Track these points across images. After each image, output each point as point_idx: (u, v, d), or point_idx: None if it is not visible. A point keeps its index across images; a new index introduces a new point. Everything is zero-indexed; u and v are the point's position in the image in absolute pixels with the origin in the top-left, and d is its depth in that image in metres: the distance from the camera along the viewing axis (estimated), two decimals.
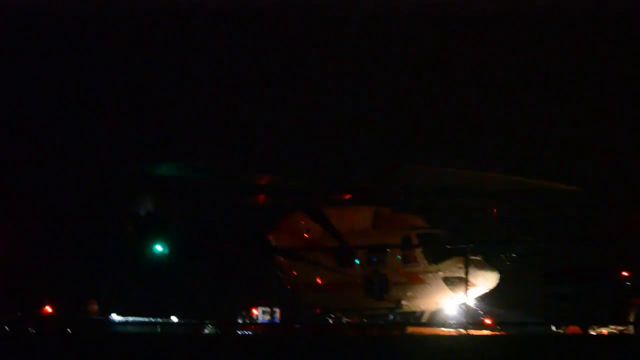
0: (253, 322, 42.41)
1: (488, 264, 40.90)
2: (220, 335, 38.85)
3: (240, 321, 43.00)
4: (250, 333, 39.50)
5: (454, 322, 39.14)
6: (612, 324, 33.92)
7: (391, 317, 41.62)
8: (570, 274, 36.20)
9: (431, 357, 22.18)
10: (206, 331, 39.71)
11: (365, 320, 42.96)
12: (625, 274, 36.16)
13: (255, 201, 47.50)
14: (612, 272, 35.95)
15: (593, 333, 34.07)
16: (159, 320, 41.72)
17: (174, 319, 42.55)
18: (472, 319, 39.67)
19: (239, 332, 40.49)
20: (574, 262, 38.00)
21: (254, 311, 43.90)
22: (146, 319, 41.91)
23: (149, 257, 44.38)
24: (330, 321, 42.87)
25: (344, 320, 42.52)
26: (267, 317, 43.84)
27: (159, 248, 45.09)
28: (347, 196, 45.01)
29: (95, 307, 42.26)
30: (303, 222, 44.77)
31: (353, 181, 45.09)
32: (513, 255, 40.72)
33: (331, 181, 45.48)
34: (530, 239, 41.79)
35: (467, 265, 38.49)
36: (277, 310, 43.91)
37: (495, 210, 43.90)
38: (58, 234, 47.78)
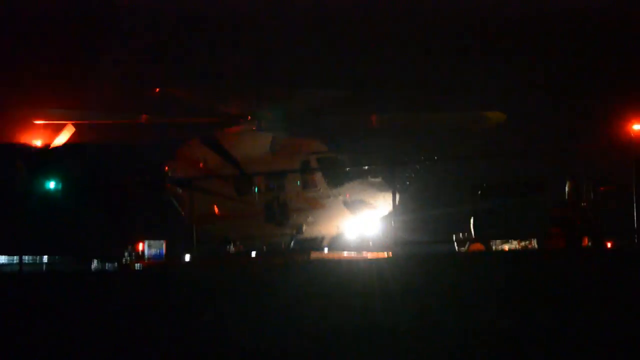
0: (148, 257, 41.73)
1: (388, 185, 40.67)
2: (114, 272, 38.27)
3: (126, 255, 42.23)
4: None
5: (355, 246, 39.07)
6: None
7: (292, 243, 41.21)
8: (500, 188, 36.11)
9: (336, 283, 21.79)
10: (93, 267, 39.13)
11: (265, 248, 42.55)
12: None
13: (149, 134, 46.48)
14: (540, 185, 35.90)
15: (495, 249, 34.44)
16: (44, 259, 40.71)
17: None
18: (373, 242, 39.61)
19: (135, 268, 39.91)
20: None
21: (140, 245, 43.11)
22: (31, 258, 40.96)
23: (40, 194, 43.09)
24: (232, 250, 42.34)
25: (244, 249, 42.00)
26: (153, 251, 43.16)
27: (51, 185, 43.94)
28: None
29: None
30: (199, 151, 43.84)
31: (249, 108, 44.29)
32: (412, 174, 40.48)
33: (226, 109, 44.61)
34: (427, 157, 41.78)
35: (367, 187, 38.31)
36: (164, 243, 43.23)
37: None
38: None
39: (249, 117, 43.96)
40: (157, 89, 43.59)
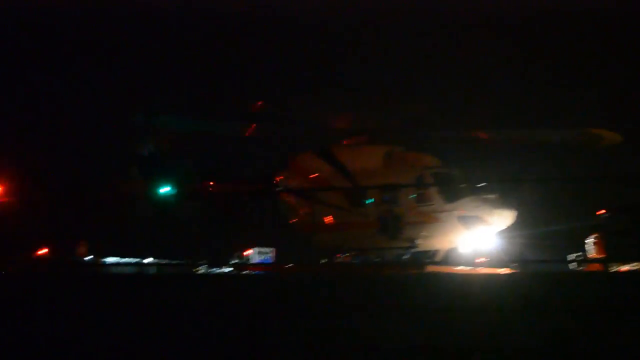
0: (253, 263, 42.15)
1: (503, 202, 40.37)
2: (227, 274, 38.62)
3: (234, 261, 42.71)
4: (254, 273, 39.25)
5: (470, 260, 38.78)
6: None
7: (406, 256, 41.19)
8: (629, 209, 35.10)
9: (450, 296, 21.63)
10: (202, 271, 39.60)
11: (378, 259, 42.53)
12: None
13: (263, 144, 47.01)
14: None
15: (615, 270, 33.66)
16: (154, 261, 41.40)
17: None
18: (488, 257, 39.28)
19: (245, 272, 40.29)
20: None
21: (248, 252, 43.57)
22: (140, 260, 41.71)
23: (153, 198, 43.97)
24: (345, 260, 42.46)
25: (359, 259, 42.09)
26: (262, 258, 43.52)
27: (164, 189, 44.71)
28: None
29: (85, 248, 42.14)
30: (312, 163, 44.16)
31: (363, 122, 44.44)
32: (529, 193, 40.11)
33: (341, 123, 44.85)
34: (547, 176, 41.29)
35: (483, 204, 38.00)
36: (273, 251, 43.58)
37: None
38: (62, 177, 47.36)
39: (363, 130, 44.14)
40: (260, 102, 44.18)
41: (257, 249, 43.97)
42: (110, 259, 41.38)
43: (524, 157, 45.07)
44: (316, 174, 43.93)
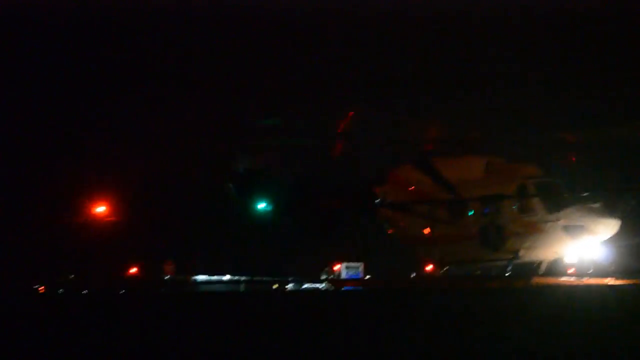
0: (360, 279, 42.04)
1: (608, 211, 39.46)
2: (327, 290, 38.55)
3: (323, 277, 42.61)
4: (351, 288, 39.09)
5: (576, 271, 38.00)
6: None
7: (509, 268, 40.52)
8: None
9: (558, 308, 21.24)
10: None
11: (480, 273, 42.04)
12: None
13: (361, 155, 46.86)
14: None
15: None
16: (242, 278, 41.56)
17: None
18: (595, 268, 38.42)
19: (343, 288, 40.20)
20: None
21: (337, 267, 43.35)
22: (229, 277, 41.89)
23: (248, 215, 44.16)
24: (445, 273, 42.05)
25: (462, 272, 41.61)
26: (351, 273, 43.27)
27: (261, 205, 44.86)
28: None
29: (172, 267, 42.57)
30: (411, 175, 43.92)
31: (464, 132, 44.02)
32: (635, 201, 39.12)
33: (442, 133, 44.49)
34: None
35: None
36: (362, 265, 43.28)
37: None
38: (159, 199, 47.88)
39: (462, 141, 43.70)
40: (351, 113, 44.04)
41: (345, 264, 43.83)
42: (201, 277, 41.73)
43: (628, 164, 43.96)
44: (415, 187, 43.68)
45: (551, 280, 33.21)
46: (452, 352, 20.83)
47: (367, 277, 42.22)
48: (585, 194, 39.53)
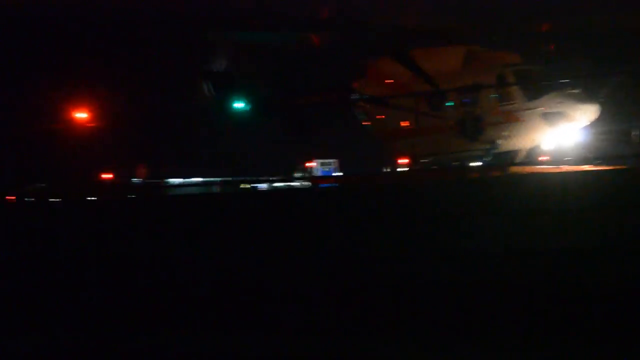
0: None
1: (587, 97, 39.04)
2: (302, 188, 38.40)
3: (298, 175, 42.35)
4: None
5: (554, 158, 37.80)
6: None
7: (487, 157, 40.25)
8: None
9: (535, 196, 20.92)
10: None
11: (458, 163, 41.74)
12: None
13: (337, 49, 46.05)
14: None
15: None
16: (215, 179, 41.20)
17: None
18: (573, 155, 38.26)
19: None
20: None
21: (311, 164, 43.10)
22: (201, 179, 41.58)
23: (227, 115, 43.63)
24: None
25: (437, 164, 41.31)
26: (325, 169, 43.04)
27: (238, 104, 44.37)
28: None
29: (144, 171, 42.13)
30: (389, 68, 43.28)
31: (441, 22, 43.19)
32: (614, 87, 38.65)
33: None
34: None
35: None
36: (336, 162, 43.06)
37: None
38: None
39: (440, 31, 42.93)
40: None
41: (319, 161, 43.57)
42: (173, 180, 41.41)
43: (607, 49, 43.36)
44: (393, 79, 43.07)
45: (529, 168, 32.94)
46: (429, 243, 20.71)
47: (341, 173, 41.99)
48: (564, 80, 39.06)
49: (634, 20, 41.85)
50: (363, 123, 44.05)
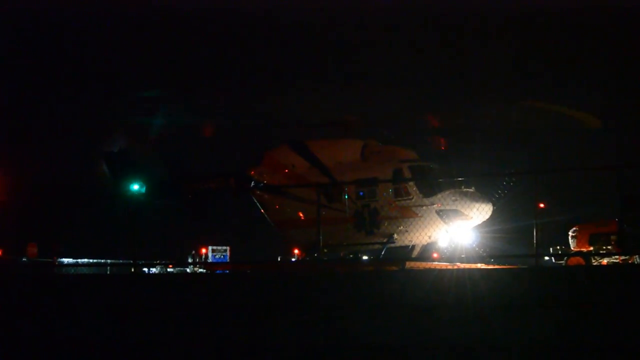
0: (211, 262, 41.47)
1: (482, 195, 39.67)
2: (195, 273, 37.98)
3: (190, 260, 42.08)
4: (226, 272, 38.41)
5: (448, 255, 38.12)
6: None
7: (383, 252, 40.30)
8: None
9: (430, 292, 20.94)
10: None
11: (351, 256, 41.69)
12: None
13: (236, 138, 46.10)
14: None
15: (595, 264, 33.16)
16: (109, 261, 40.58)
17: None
18: (467, 252, 38.65)
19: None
20: None
21: (204, 250, 42.88)
22: (95, 260, 40.88)
23: (123, 196, 42.97)
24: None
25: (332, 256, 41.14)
26: (218, 256, 42.86)
27: (135, 187, 43.84)
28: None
29: (35, 250, 41.26)
30: (287, 157, 43.28)
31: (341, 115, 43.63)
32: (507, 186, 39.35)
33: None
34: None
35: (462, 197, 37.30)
36: (228, 249, 42.88)
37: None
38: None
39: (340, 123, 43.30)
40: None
41: (211, 247, 43.37)
42: (67, 260, 40.61)
43: (501, 149, 44.49)
44: (291, 169, 43.05)
45: (424, 264, 33.07)
46: (322, 335, 20.43)
47: (234, 261, 41.65)
48: (459, 179, 39.64)
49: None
50: (260, 212, 43.85)
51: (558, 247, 37.98)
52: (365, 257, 39.71)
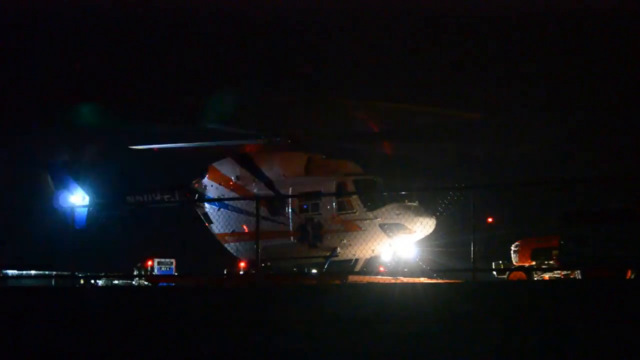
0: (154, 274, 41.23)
1: (425, 209, 39.71)
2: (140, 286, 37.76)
3: (136, 273, 41.82)
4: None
5: (392, 269, 38.12)
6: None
7: (326, 265, 40.12)
8: (590, 215, 33.07)
9: (373, 306, 20.85)
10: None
11: (295, 269, 41.49)
12: None
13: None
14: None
15: (536, 278, 33.37)
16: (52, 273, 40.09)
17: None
18: (410, 267, 38.68)
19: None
20: None
21: (150, 262, 42.66)
22: (41, 272, 40.37)
23: (65, 208, 42.49)
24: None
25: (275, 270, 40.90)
26: (164, 269, 42.71)
27: (77, 199, 43.45)
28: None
29: None
30: (231, 169, 43.06)
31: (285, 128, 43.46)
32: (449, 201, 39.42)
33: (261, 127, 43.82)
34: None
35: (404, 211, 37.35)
36: (173, 262, 42.70)
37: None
38: None
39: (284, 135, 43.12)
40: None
41: (157, 260, 43.13)
42: (11, 271, 40.07)
43: (445, 163, 44.68)
44: (235, 181, 42.81)
45: (367, 278, 33.01)
46: (254, 351, 20.27)
47: (179, 274, 41.40)
48: (402, 193, 39.68)
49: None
50: (204, 224, 43.59)
51: (500, 262, 38.17)
52: (314, 271, 39.55)
